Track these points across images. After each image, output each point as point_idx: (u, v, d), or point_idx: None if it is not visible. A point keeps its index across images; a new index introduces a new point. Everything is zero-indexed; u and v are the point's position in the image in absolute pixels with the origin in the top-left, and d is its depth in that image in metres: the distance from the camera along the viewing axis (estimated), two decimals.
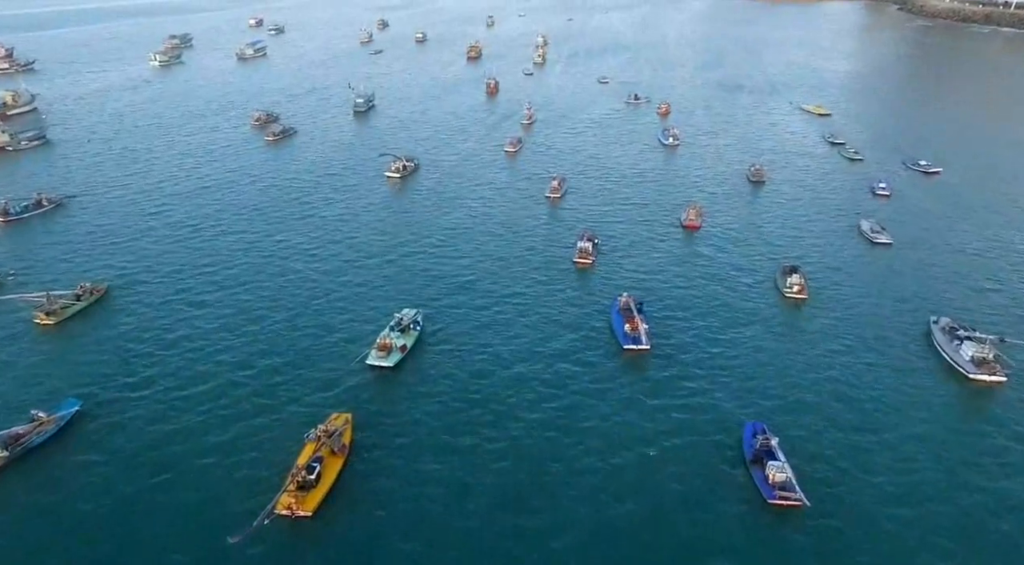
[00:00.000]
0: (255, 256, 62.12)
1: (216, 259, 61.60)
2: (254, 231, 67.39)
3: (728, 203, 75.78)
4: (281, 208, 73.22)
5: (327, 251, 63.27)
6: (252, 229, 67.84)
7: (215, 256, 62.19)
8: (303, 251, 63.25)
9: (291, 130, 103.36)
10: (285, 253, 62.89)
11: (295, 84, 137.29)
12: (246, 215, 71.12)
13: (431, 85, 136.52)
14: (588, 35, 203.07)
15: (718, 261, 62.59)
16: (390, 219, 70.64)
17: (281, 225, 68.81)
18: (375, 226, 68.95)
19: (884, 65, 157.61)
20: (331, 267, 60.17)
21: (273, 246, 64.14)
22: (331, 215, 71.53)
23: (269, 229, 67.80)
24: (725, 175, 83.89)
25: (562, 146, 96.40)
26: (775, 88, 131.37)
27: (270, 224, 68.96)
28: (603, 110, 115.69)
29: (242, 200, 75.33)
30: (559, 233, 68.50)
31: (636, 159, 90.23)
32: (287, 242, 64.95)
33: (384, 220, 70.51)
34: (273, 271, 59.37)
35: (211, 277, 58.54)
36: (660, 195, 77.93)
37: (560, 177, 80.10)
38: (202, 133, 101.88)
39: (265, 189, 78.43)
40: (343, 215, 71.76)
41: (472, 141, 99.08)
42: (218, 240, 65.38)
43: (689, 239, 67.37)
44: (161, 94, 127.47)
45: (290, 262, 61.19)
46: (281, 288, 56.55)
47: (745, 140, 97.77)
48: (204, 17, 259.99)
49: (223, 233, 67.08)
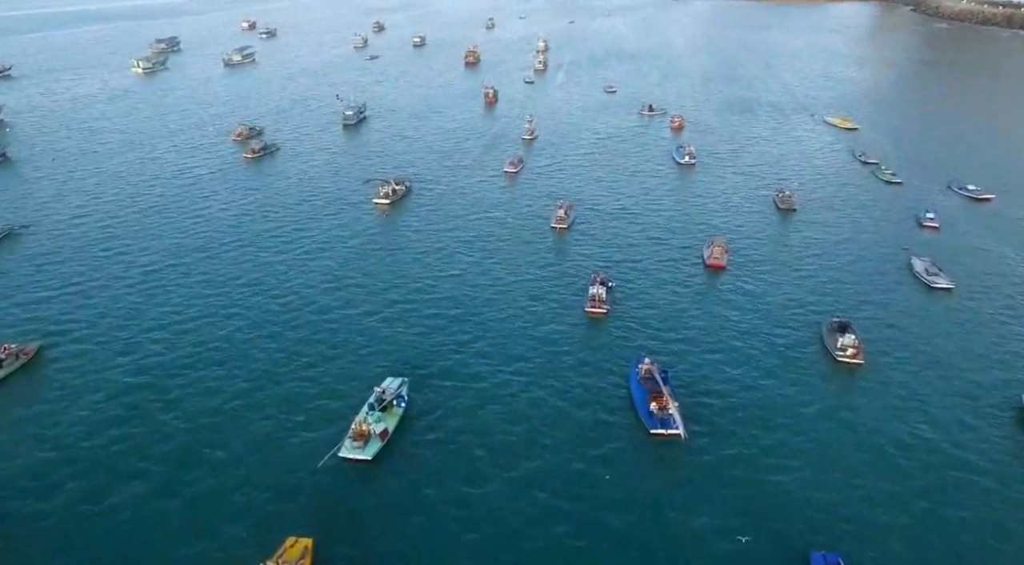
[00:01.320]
0: (214, 308, 52.78)
1: (170, 312, 52.27)
2: (219, 274, 58.03)
3: (755, 236, 66.52)
4: (252, 243, 63.85)
5: (299, 301, 53.83)
6: (216, 271, 58.47)
7: (169, 307, 52.89)
8: (270, 301, 53.87)
9: (273, 146, 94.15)
10: (250, 302, 53.55)
11: (283, 93, 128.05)
12: (212, 253, 61.71)
13: (427, 94, 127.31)
14: (590, 39, 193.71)
15: (751, 312, 53.32)
16: (374, 258, 61.34)
17: (249, 266, 59.39)
18: (356, 267, 59.60)
19: (907, 72, 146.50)
20: (301, 322, 50.79)
21: (237, 294, 54.68)
22: (307, 253, 62.07)
23: (235, 271, 58.38)
24: (749, 201, 74.58)
25: (567, 166, 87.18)
26: (794, 98, 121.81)
27: (237, 265, 59.61)
28: (611, 124, 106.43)
29: (210, 233, 65.99)
30: (567, 273, 59.30)
31: (649, 182, 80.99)
32: (253, 288, 55.50)
33: (367, 259, 61.21)
34: (232, 328, 50.01)
35: (162, 333, 49.26)
36: (678, 226, 68.69)
37: (567, 204, 70.89)
38: (177, 151, 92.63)
39: (237, 219, 69.06)
40: (321, 253, 62.39)
41: (469, 160, 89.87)
42: (176, 286, 55.92)
43: (714, 282, 58.17)
44: (139, 105, 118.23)
45: (254, 315, 51.92)
46: (240, 352, 47.25)
47: (767, 159, 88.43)
48: (196, 20, 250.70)
49: (183, 276, 57.74)
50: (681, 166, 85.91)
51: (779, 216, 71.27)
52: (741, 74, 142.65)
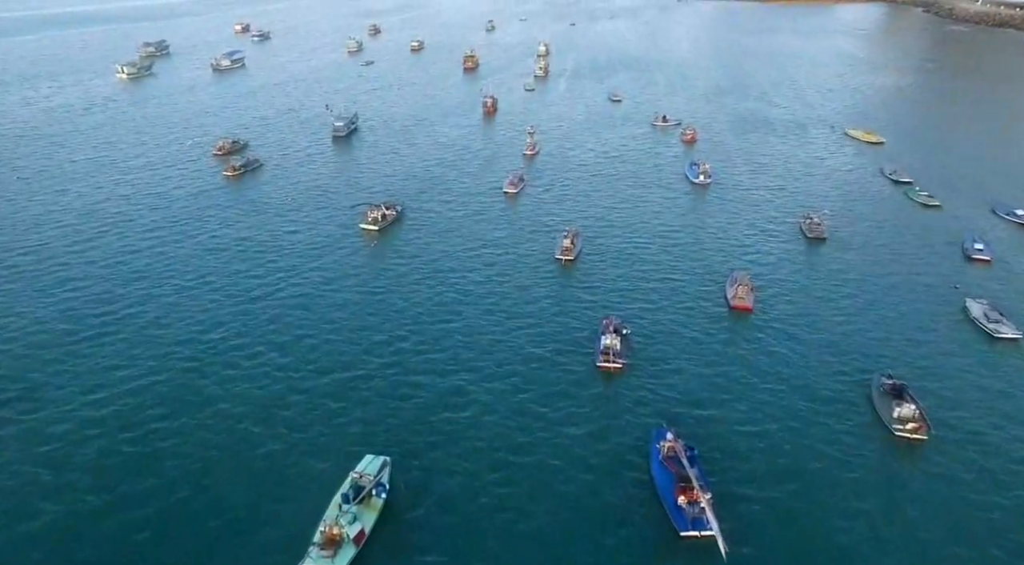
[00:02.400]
0: (163, 373, 44.93)
1: (107, 367, 45.15)
2: (178, 324, 50.36)
3: (782, 271, 59.27)
4: (220, 282, 56.46)
5: (264, 361, 46.19)
6: (175, 320, 50.66)
7: (105, 362, 45.75)
8: (232, 354, 46.46)
9: (255, 162, 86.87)
10: (207, 356, 46.17)
11: (271, 102, 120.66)
12: (172, 298, 53.94)
13: (423, 103, 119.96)
14: (592, 43, 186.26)
15: (785, 366, 46.15)
16: (356, 301, 53.91)
17: (212, 315, 51.57)
18: (335, 311, 52.14)
19: (929, 78, 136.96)
20: (265, 394, 43.21)
21: (196, 351, 47.05)
22: (282, 296, 54.65)
23: (195, 319, 50.63)
24: (772, 229, 67.29)
25: (571, 185, 79.93)
26: (810, 107, 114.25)
27: (201, 313, 51.53)
28: (618, 136, 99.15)
29: (174, 271, 58.38)
30: (575, 315, 52.09)
31: (662, 204, 73.69)
32: (214, 345, 47.78)
33: (348, 303, 53.67)
34: (185, 400, 42.38)
35: (95, 410, 41.70)
36: (696, 259, 61.43)
37: (573, 232, 63.67)
38: (153, 168, 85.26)
39: (206, 253, 61.60)
40: (297, 294, 54.97)
41: (467, 177, 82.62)
42: (119, 343, 48.34)
43: (740, 328, 50.94)
44: (118, 116, 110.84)
45: (210, 372, 44.65)
46: (183, 432, 39.78)
47: (788, 177, 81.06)
48: (188, 22, 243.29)
49: (138, 332, 50.28)
50: (695, 186, 78.62)
51: (807, 246, 64.00)
52: (752, 81, 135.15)
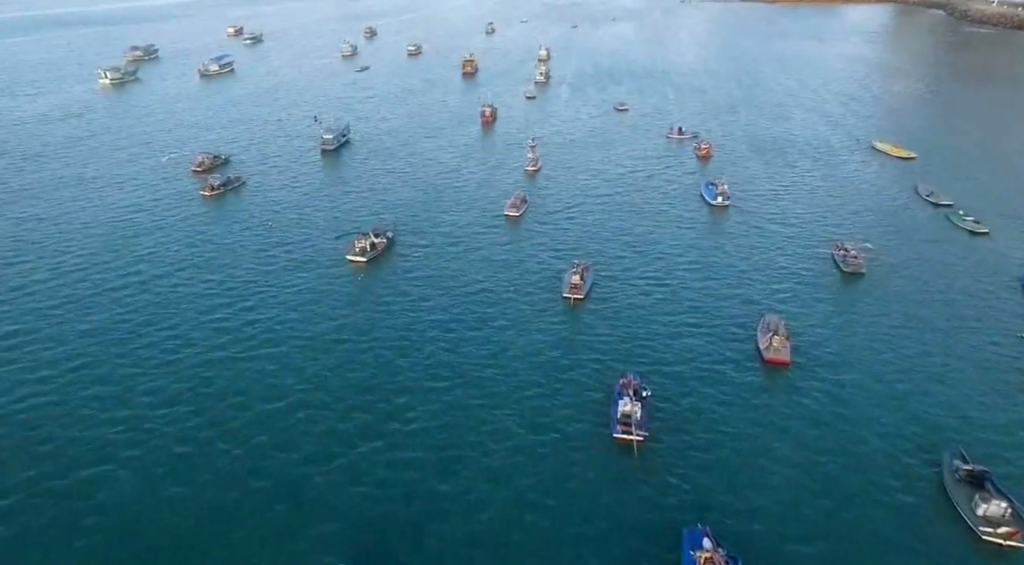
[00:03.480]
0: (103, 452, 38.06)
1: (31, 440, 38.09)
2: (125, 382, 43.53)
3: (818, 313, 52.05)
4: (182, 330, 49.08)
5: (223, 443, 38.91)
6: (123, 379, 43.81)
7: (33, 435, 38.67)
8: (169, 459, 39.36)
9: (236, 180, 79.71)
10: (143, 464, 39.17)
11: (258, 112, 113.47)
12: (127, 351, 46.83)
13: (418, 112, 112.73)
14: (595, 47, 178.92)
15: (835, 440, 38.99)
16: (332, 358, 46.28)
17: (160, 378, 44.49)
18: (307, 371, 44.47)
19: (955, 85, 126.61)
20: (204, 462, 36.15)
21: (133, 442, 40.04)
22: (247, 346, 47.23)
23: (138, 394, 43.31)
24: (802, 261, 60.03)
25: (578, 206, 72.72)
26: (831, 118, 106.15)
27: (145, 378, 44.51)
28: (626, 149, 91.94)
29: (136, 311, 51.34)
30: (587, 372, 44.93)
31: (678, 230, 66.45)
32: (157, 430, 40.49)
33: (324, 361, 46.25)
34: (105, 506, 35.45)
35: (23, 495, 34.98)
36: (720, 297, 54.15)
37: (582, 266, 56.48)
38: (123, 188, 78.06)
39: (167, 295, 54.18)
40: (265, 342, 47.67)
41: (464, 198, 75.42)
42: (50, 423, 41.48)
43: (777, 387, 43.81)
44: (94, 127, 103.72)
45: (152, 446, 37.49)
46: (118, 522, 32.91)
47: (814, 199, 73.69)
48: (181, 24, 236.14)
49: (73, 409, 43.38)
50: (713, 208, 71.42)
51: (842, 282, 56.80)
52: (766, 89, 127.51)
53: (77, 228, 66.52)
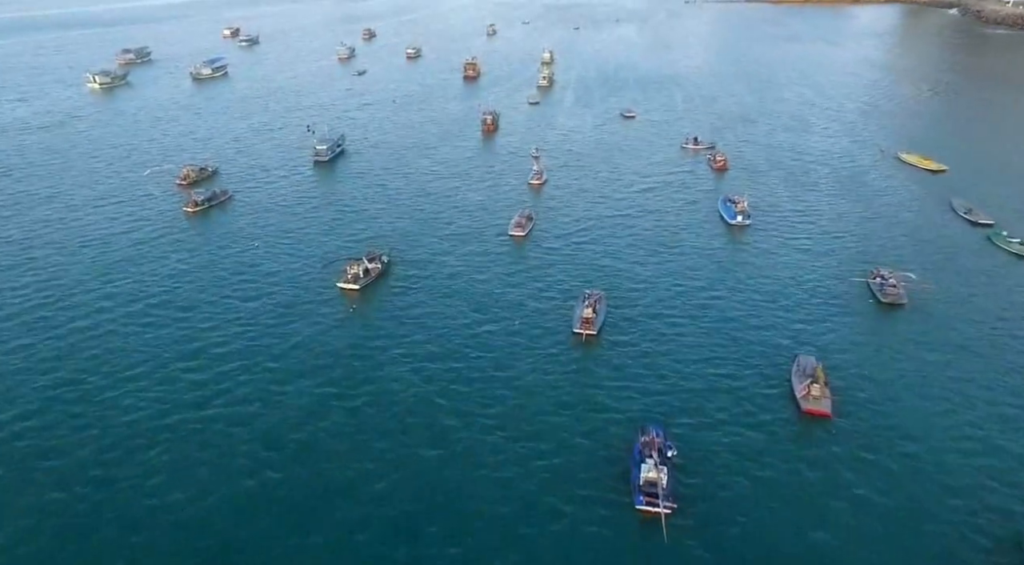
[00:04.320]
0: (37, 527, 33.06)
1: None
2: (75, 451, 38.46)
3: (856, 352, 46.61)
4: (151, 382, 43.90)
5: (180, 532, 33.96)
6: (70, 444, 38.82)
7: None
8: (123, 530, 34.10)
9: (222, 195, 74.39)
10: (99, 534, 33.90)
11: (250, 119, 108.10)
12: (84, 411, 41.54)
13: (417, 120, 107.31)
14: (599, 51, 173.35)
15: (897, 510, 33.77)
16: (316, 418, 41.19)
17: (124, 436, 39.49)
18: (285, 433, 39.51)
19: (980, 91, 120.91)
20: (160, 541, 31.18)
21: (92, 504, 34.95)
22: (219, 406, 41.91)
23: (97, 450, 38.25)
24: (835, 289, 54.58)
25: (587, 225, 67.31)
26: (853, 127, 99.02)
27: (106, 434, 39.51)
28: (636, 160, 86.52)
29: (89, 362, 45.99)
30: (603, 428, 39.63)
31: (695, 253, 60.97)
32: (113, 497, 35.42)
33: (305, 423, 41.26)
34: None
35: None
36: (745, 333, 48.75)
37: (595, 297, 51.17)
38: (104, 204, 72.64)
39: (138, 333, 48.82)
40: (240, 398, 42.47)
41: (465, 216, 69.99)
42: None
43: (819, 445, 38.41)
44: (76, 136, 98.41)
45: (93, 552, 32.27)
46: None
47: (842, 217, 67.94)
48: (176, 26, 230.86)
49: (16, 464, 38.13)
50: (732, 228, 66.02)
51: (880, 314, 51.42)
52: (780, 95, 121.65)
53: (44, 253, 61.12)
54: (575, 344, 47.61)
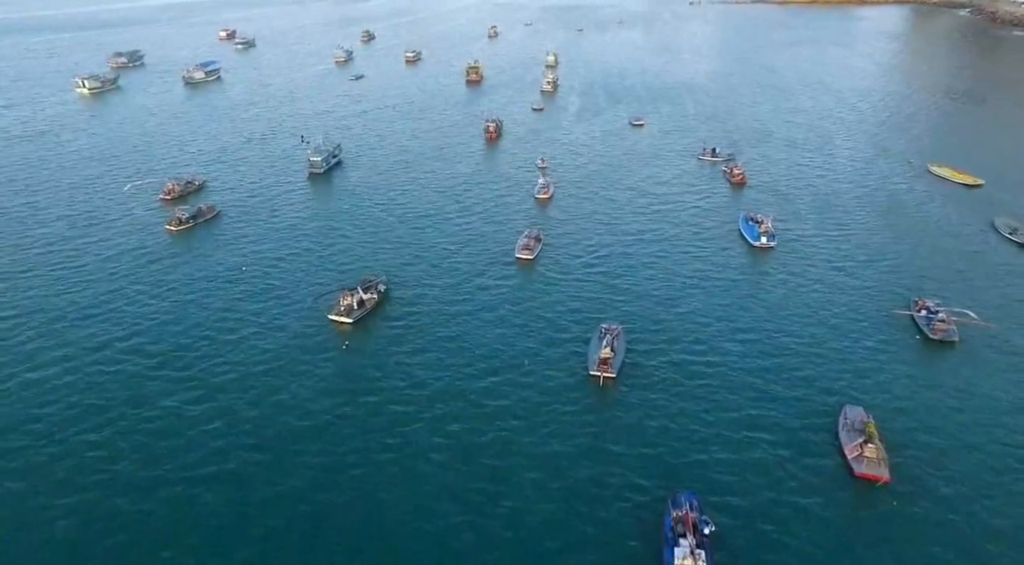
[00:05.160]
0: None
1: None
2: (29, 517, 33.37)
3: (909, 400, 41.35)
4: (109, 443, 38.83)
5: None
6: (29, 511, 33.76)
7: None
8: None
9: (208, 211, 69.29)
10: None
11: (242, 127, 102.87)
12: (37, 464, 36.69)
13: (417, 128, 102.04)
14: (603, 54, 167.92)
15: None
16: (297, 481, 36.25)
17: (81, 508, 34.51)
18: (267, 524, 34.54)
19: (1008, 99, 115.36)
20: None
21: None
22: (191, 480, 36.93)
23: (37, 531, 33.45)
24: (875, 322, 49.34)
25: (599, 246, 62.02)
26: (873, 135, 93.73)
27: (71, 493, 34.61)
28: (649, 174, 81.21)
29: (48, 415, 41.08)
30: (626, 489, 34.56)
31: (718, 280, 55.56)
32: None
33: (291, 495, 36.28)
34: None
35: None
36: (782, 376, 43.53)
37: (614, 332, 45.99)
38: (81, 222, 67.46)
39: (104, 375, 43.66)
40: (215, 482, 37.49)
41: (470, 236, 64.77)
42: None
43: (878, 513, 33.34)
44: (59, 146, 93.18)
45: None
46: None
47: (874, 237, 62.50)
48: (171, 28, 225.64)
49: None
50: (755, 251, 60.81)
51: (930, 353, 46.18)
52: (797, 103, 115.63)
53: (12, 278, 55.97)
54: (592, 388, 42.44)
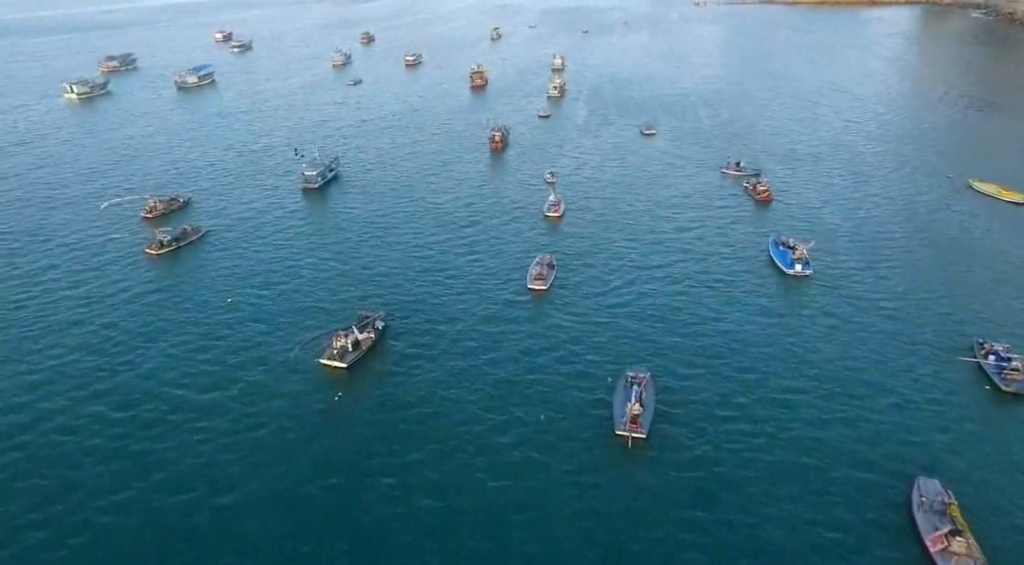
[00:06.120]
0: None
1: None
2: None
3: (995, 473, 35.43)
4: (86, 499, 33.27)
5: None
6: None
7: None
8: None
9: (193, 233, 63.61)
10: None
11: (233, 137, 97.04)
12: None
13: (419, 137, 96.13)
14: (610, 58, 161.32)
15: None
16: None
17: None
18: None
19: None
20: None
21: None
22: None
23: None
24: (935, 370, 43.53)
25: (618, 273, 56.06)
26: (907, 151, 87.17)
27: None
28: (665, 190, 75.13)
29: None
30: None
31: (755, 319, 49.08)
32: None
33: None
34: None
35: None
36: (838, 436, 37.84)
37: (642, 380, 40.21)
38: (51, 246, 61.76)
39: (56, 443, 38.10)
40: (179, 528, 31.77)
41: (476, 261, 58.98)
42: None
43: None
44: (40, 158, 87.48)
45: None
46: None
47: (920, 265, 56.40)
48: (167, 30, 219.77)
49: None
50: (790, 280, 54.92)
51: (1005, 409, 40.16)
52: (816, 111, 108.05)
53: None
54: (620, 454, 36.67)
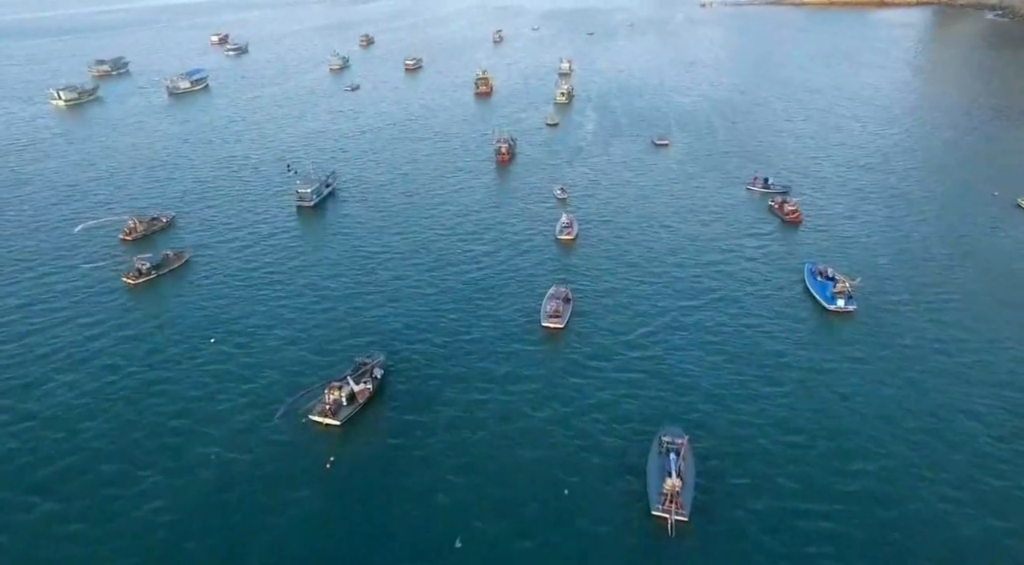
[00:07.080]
0: None
1: None
2: None
3: None
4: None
5: None
6: None
7: None
8: None
9: (175, 259, 58.09)
10: None
11: (223, 148, 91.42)
12: None
13: (420, 149, 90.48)
14: (616, 62, 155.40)
15: None
16: None
17: None
18: None
19: None
20: None
21: None
22: None
23: None
24: (1018, 438, 38.04)
25: (639, 312, 50.50)
26: (943, 167, 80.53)
27: None
28: (685, 209, 69.41)
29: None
30: None
31: (800, 371, 43.60)
32: None
33: None
34: None
35: None
36: (907, 518, 32.38)
37: (679, 445, 34.56)
38: (16, 273, 56.23)
39: (49, 484, 32.66)
40: None
41: (485, 290, 53.33)
42: None
43: None
44: (15, 172, 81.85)
45: None
46: None
47: (978, 301, 50.57)
48: (164, 32, 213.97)
49: None
50: (830, 316, 49.37)
51: None
52: (839, 121, 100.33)
53: None
54: (658, 532, 31.16)
